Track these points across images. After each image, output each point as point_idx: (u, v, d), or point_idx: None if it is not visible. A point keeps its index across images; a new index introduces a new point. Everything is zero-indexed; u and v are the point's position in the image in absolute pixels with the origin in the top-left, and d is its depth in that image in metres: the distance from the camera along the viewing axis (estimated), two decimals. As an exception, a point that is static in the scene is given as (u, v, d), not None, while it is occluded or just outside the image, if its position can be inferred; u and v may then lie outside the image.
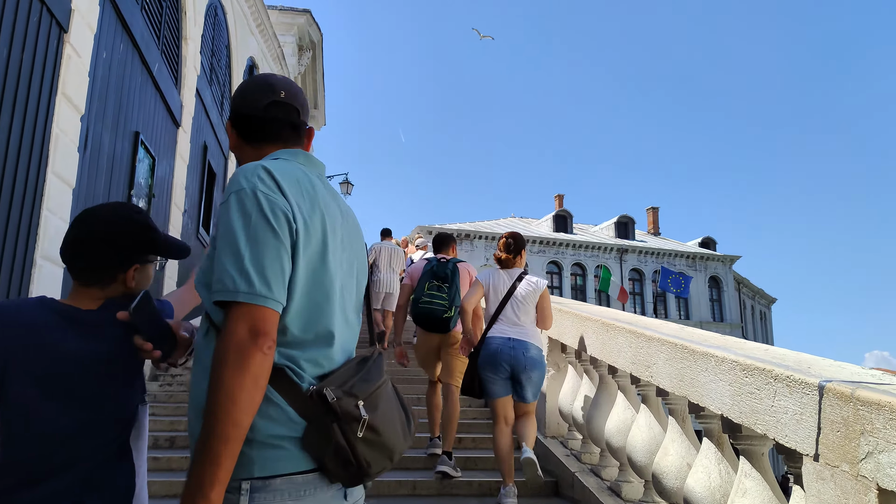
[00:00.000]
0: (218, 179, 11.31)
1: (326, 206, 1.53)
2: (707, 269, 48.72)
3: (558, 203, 52.86)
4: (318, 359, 1.45)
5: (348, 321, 1.58)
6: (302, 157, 1.60)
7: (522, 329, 4.54)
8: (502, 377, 4.48)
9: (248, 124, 1.64)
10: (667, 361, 3.38)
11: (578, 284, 46.64)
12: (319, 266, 1.47)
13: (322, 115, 27.26)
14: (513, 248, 4.81)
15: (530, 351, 4.46)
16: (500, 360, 4.44)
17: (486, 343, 4.55)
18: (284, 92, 1.64)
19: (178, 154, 8.64)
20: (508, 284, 4.67)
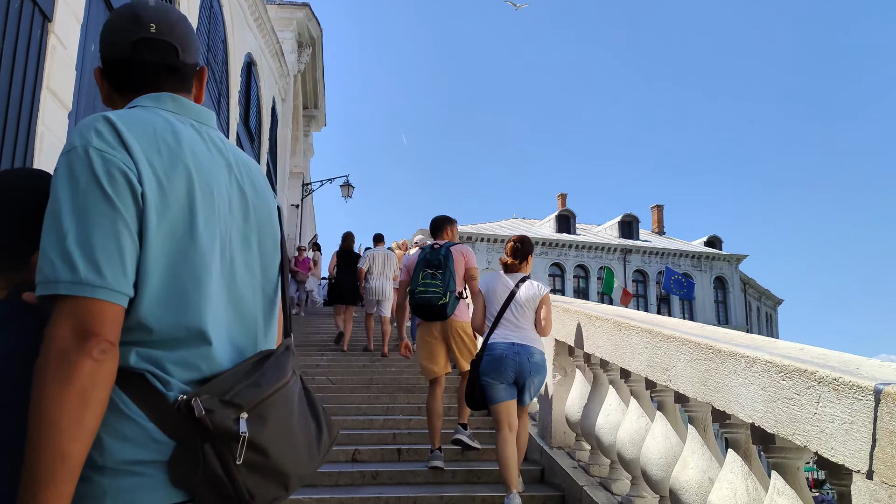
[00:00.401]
0: (214, 180, 11.06)
1: (198, 160, 1.22)
2: (713, 269, 48.36)
3: (561, 202, 52.54)
4: (193, 360, 1.15)
5: (242, 309, 1.28)
6: (169, 102, 1.29)
7: (525, 333, 4.51)
8: (506, 382, 4.43)
9: (113, 70, 1.33)
10: (688, 363, 3.09)
11: (581, 287, 46.31)
12: (186, 240, 1.16)
13: (322, 114, 27.04)
14: (520, 253, 4.77)
15: (535, 356, 4.45)
16: (505, 365, 4.39)
17: (490, 348, 4.49)
18: (155, 25, 1.31)
19: (171, 153, 8.39)
20: (509, 288, 4.63)
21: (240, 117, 13.10)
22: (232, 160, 1.33)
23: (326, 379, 8.45)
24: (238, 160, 1.36)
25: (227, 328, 1.23)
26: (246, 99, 13.85)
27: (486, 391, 4.47)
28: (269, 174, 17.59)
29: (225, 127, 11.74)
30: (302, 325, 13.69)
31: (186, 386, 1.13)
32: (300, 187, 24.85)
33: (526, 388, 4.46)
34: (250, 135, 14.36)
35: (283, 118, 19.82)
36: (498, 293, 4.64)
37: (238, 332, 1.27)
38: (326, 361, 9.83)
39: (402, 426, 6.47)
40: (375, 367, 9.45)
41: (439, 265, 5.22)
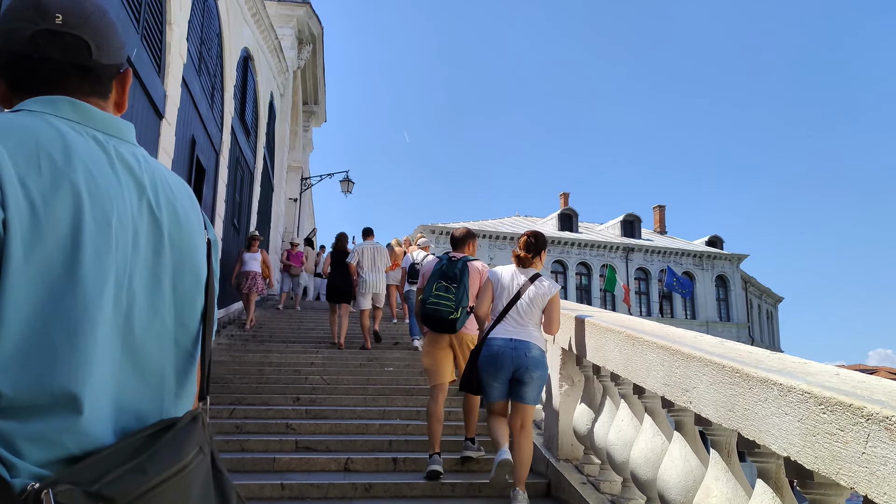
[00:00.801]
0: (208, 175, 10.76)
1: (93, 181, 0.97)
2: (714, 267, 48.08)
3: (563, 201, 52.27)
4: (55, 435, 0.88)
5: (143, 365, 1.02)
6: (67, 108, 1.05)
7: (525, 329, 4.44)
8: (502, 380, 4.39)
9: (10, 64, 1.08)
10: (712, 386, 2.81)
11: (583, 284, 46.06)
12: (62, 280, 0.90)
13: (322, 110, 26.72)
14: (533, 248, 4.66)
15: (532, 351, 4.37)
16: (502, 361, 4.34)
17: (488, 344, 4.44)
18: (62, 16, 1.06)
19: (162, 148, 8.09)
20: (520, 285, 4.53)
21: (235, 111, 12.80)
22: (147, 182, 1.08)
23: (320, 378, 8.18)
24: (157, 182, 1.10)
25: (115, 391, 0.96)
26: (242, 93, 13.55)
27: (484, 388, 4.49)
28: (266, 168, 17.28)
29: (219, 121, 11.44)
30: (297, 319, 13.41)
31: (44, 469, 0.85)
32: (299, 182, 24.55)
33: (526, 383, 4.35)
34: (246, 129, 14.05)
35: (281, 113, 19.52)
36: (508, 287, 4.54)
37: (136, 395, 1.00)
38: (321, 359, 9.55)
39: (399, 432, 6.20)
40: (372, 366, 9.18)
41: (454, 279, 5.15)
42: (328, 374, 8.62)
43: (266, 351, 10.10)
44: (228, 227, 12.72)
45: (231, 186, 12.76)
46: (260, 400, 7.07)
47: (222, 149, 11.57)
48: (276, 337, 11.34)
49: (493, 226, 46.62)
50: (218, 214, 11.47)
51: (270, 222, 18.70)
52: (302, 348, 10.43)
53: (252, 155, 15.09)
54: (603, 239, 47.16)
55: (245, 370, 8.61)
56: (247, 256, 11.98)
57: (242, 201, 14.10)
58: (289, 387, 7.69)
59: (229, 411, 6.49)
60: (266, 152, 16.93)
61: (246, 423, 6.03)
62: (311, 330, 12.26)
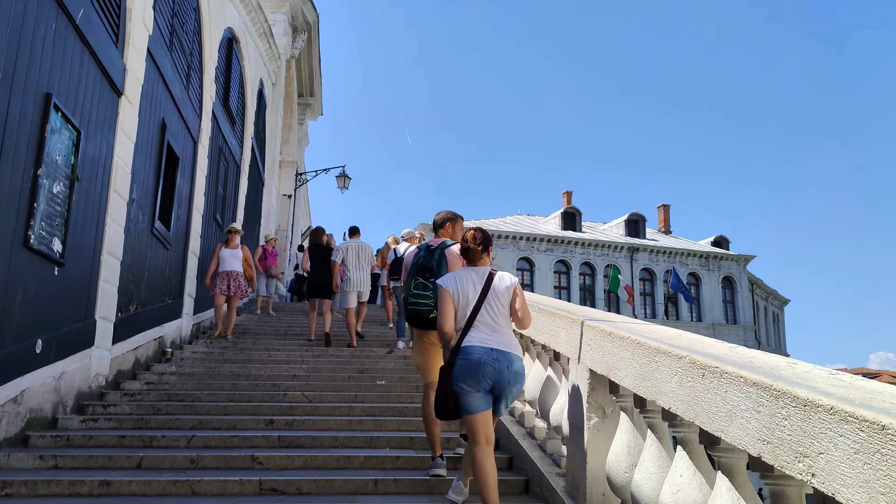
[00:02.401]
0: (184, 164, 9.71)
1: None
2: (721, 269, 47.02)
3: (566, 200, 51.24)
4: None
5: None
6: None
7: (502, 337, 4.07)
8: (483, 390, 3.97)
9: None
10: (857, 457, 1.77)
11: (587, 284, 45.02)
12: None
13: (318, 103, 25.68)
14: (482, 241, 4.30)
15: (514, 364, 4.02)
16: (483, 372, 3.93)
17: (465, 352, 4.00)
18: None
19: (121, 129, 7.05)
20: (480, 285, 4.17)
21: (217, 96, 11.74)
22: None
23: (301, 395, 7.14)
24: None
25: None
26: (226, 78, 12.50)
27: (460, 399, 3.99)
28: (255, 160, 16.22)
29: (197, 105, 10.39)
30: (286, 324, 12.36)
31: None
32: (293, 177, 23.51)
33: (503, 398, 4.04)
34: (231, 117, 12.99)
35: (272, 103, 18.47)
36: (469, 291, 4.15)
37: None
38: (305, 371, 8.51)
39: (387, 465, 5.15)
40: (363, 379, 8.13)
41: (432, 272, 4.80)
42: (311, 388, 7.58)
43: (245, 361, 9.06)
44: (209, 224, 11.67)
45: (212, 178, 11.71)
46: (227, 424, 6.03)
47: (201, 136, 10.52)
48: (260, 344, 10.29)
49: (495, 224, 45.55)
50: (196, 208, 10.43)
51: (261, 219, 17.66)
52: (286, 357, 9.39)
53: (238, 145, 14.03)
54: (607, 238, 46.10)
55: (217, 385, 7.57)
56: (225, 253, 10.30)
57: (227, 195, 13.06)
58: (264, 405, 6.64)
59: (187, 439, 5.45)
60: (255, 143, 15.87)
61: (203, 457, 4.98)
62: (299, 336, 11.21)
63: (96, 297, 6.67)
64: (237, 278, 10.30)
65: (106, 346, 6.98)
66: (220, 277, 10.24)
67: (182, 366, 8.56)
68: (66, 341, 5.99)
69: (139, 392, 7.09)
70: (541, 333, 5.03)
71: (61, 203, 5.76)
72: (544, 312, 4.93)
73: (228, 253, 10.36)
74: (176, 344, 9.74)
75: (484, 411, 3.99)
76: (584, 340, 4.05)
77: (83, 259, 6.32)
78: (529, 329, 5.21)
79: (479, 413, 3.98)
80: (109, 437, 5.41)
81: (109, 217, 6.88)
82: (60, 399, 5.97)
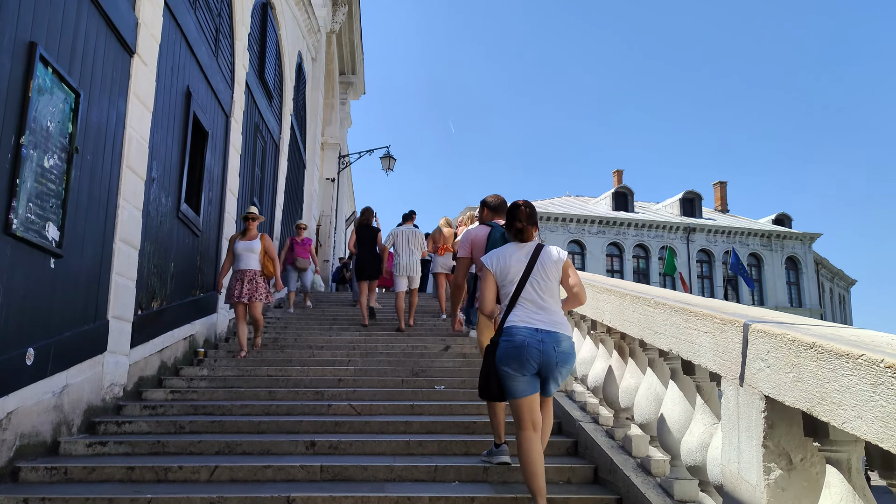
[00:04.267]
0: (214, 140, 8.67)
1: None
2: (784, 248, 44.74)
3: (617, 179, 49.36)
4: None
5: None
6: None
7: (550, 315, 3.87)
8: (529, 373, 3.80)
9: None
10: None
11: (641, 268, 43.28)
12: None
13: (361, 81, 24.56)
14: (531, 218, 4.09)
15: (562, 344, 3.83)
16: (528, 355, 3.75)
17: (509, 333, 3.82)
18: None
19: (134, 95, 6.00)
20: (525, 260, 3.96)
21: (251, 67, 10.67)
22: None
23: (349, 406, 6.04)
24: None
25: None
26: (260, 47, 11.43)
27: (505, 383, 3.83)
28: (295, 140, 15.18)
29: (229, 72, 9.33)
30: (330, 317, 11.32)
31: None
32: (336, 159, 22.48)
33: (551, 378, 3.86)
34: (267, 91, 11.93)
35: (313, 80, 17.41)
36: (513, 267, 3.96)
37: None
38: (352, 374, 7.43)
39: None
40: (418, 384, 7.00)
41: None
42: (359, 396, 6.48)
43: (285, 362, 8.01)
44: (246, 208, 10.64)
45: (249, 158, 10.68)
46: (260, 447, 4.94)
47: (234, 109, 9.47)
48: (302, 341, 9.25)
49: (544, 206, 44.03)
50: (230, 190, 9.40)
51: (303, 203, 16.66)
52: (331, 356, 8.32)
53: (277, 123, 12.99)
54: (661, 219, 44.21)
55: (252, 393, 6.52)
56: (240, 247, 8.13)
57: (265, 177, 12.03)
58: (304, 421, 5.54)
59: (209, 471, 4.38)
60: (295, 122, 14.81)
61: (227, 499, 3.90)
62: (344, 330, 10.15)
63: (108, 294, 5.66)
64: (254, 279, 8.07)
65: (122, 351, 5.97)
66: (234, 279, 8.10)
67: (215, 368, 7.54)
68: (68, 348, 4.98)
69: (162, 404, 6.06)
70: (661, 337, 3.80)
71: (56, 180, 4.72)
72: (667, 308, 3.70)
73: (243, 246, 8.15)
74: (210, 342, 8.75)
75: (530, 395, 3.80)
76: (753, 353, 2.81)
77: (89, 248, 5.30)
78: (636, 325, 4.06)
79: (525, 397, 3.79)
80: (116, 469, 4.37)
81: (123, 198, 5.85)
82: (63, 418, 4.97)
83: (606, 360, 5.07)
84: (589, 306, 5.12)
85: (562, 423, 5.55)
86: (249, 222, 8.25)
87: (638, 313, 4.08)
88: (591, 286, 5.04)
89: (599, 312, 4.86)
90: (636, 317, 4.11)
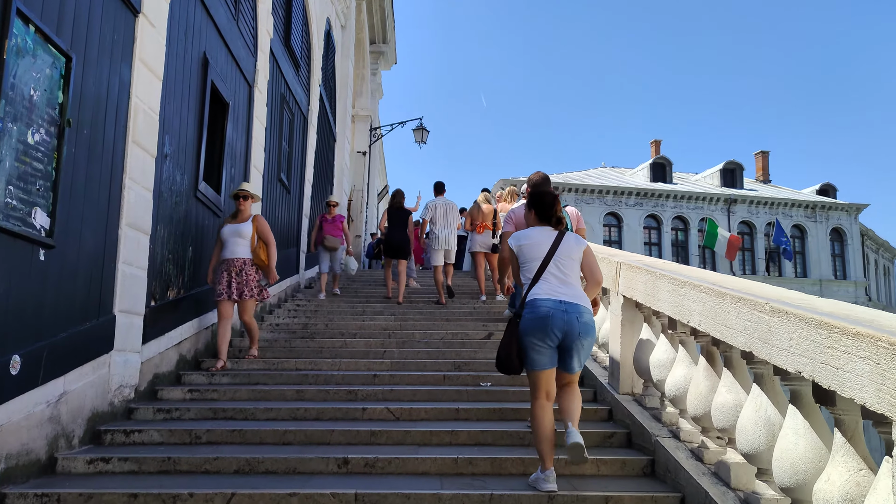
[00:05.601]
0: (236, 112, 7.97)
1: None
2: (829, 219, 43.08)
3: (655, 150, 47.86)
4: None
5: None
6: None
7: (573, 289, 4.03)
8: (550, 346, 3.93)
9: None
10: None
11: (679, 240, 42.01)
12: None
13: (392, 50, 23.66)
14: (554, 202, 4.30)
15: (584, 315, 3.96)
16: (552, 325, 3.88)
17: (533, 305, 3.96)
18: None
19: (140, 60, 5.30)
20: (549, 241, 4.15)
21: (276, 33, 9.91)
22: None
23: (386, 410, 5.35)
24: None
25: None
26: (286, 11, 10.65)
27: (528, 354, 3.97)
28: (325, 112, 14.44)
29: (251, 38, 8.58)
30: (363, 299, 10.67)
31: None
32: (367, 132, 21.73)
33: (574, 350, 3.95)
34: (294, 59, 11.17)
35: (342, 48, 16.60)
36: (539, 245, 4.15)
37: None
38: (388, 367, 6.76)
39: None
40: (463, 379, 6.30)
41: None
42: (397, 396, 5.79)
43: (315, 352, 7.37)
44: (273, 184, 9.97)
45: (275, 131, 9.98)
46: (285, 465, 4.27)
47: (257, 78, 8.75)
48: (334, 327, 8.60)
49: (579, 178, 42.89)
50: (254, 166, 8.72)
51: (333, 178, 15.97)
52: (365, 346, 7.67)
53: (305, 94, 12.24)
54: (701, 190, 42.77)
55: (278, 392, 5.86)
56: (227, 231, 6.79)
57: (293, 151, 11.33)
58: (336, 430, 4.86)
59: (225, 499, 3.72)
60: (324, 93, 14.05)
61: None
62: (378, 315, 9.48)
63: (114, 286, 5.01)
64: (244, 271, 6.75)
65: (133, 348, 5.34)
66: (220, 271, 6.78)
67: (238, 363, 6.91)
68: (66, 350, 4.35)
69: (178, 406, 5.43)
70: (783, 353, 3.00)
71: (44, 158, 4.05)
72: (792, 319, 2.90)
73: (231, 230, 6.78)
74: (236, 330, 8.13)
75: (549, 369, 3.97)
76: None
77: (89, 236, 4.64)
78: (741, 334, 3.29)
79: (545, 370, 3.97)
80: (117, 497, 3.73)
81: (129, 178, 5.17)
82: (62, 430, 4.35)
83: (689, 366, 4.30)
84: (668, 302, 4.34)
85: (632, 435, 4.80)
86: (240, 201, 6.90)
87: (744, 319, 3.29)
88: (673, 280, 4.25)
89: (683, 311, 4.08)
90: (741, 323, 3.32)
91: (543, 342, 3.90)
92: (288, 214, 11.08)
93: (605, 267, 5.89)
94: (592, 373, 6.04)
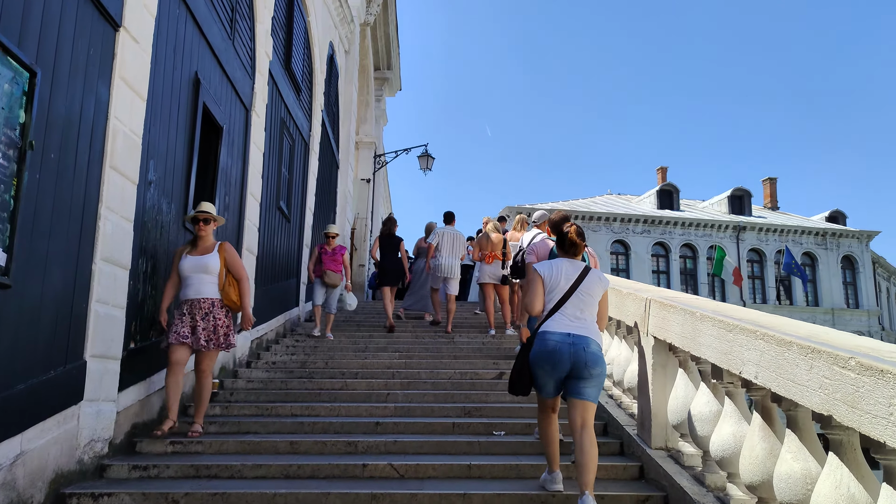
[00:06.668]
0: (231, 136, 7.50)
1: None
2: (840, 247, 42.46)
3: (661, 177, 47.48)
4: None
5: None
6: None
7: (583, 324, 4.22)
8: (556, 377, 4.17)
9: None
10: None
11: (688, 268, 41.38)
12: None
13: (397, 77, 23.35)
14: (583, 236, 4.52)
15: (591, 346, 4.13)
16: (558, 359, 4.10)
17: (542, 338, 4.19)
18: None
19: (121, 78, 4.83)
20: (574, 276, 4.33)
21: (276, 55, 9.48)
22: None
23: (389, 466, 4.77)
24: None
25: None
26: (287, 34, 10.24)
27: (536, 381, 4.29)
28: (327, 138, 14.01)
29: (248, 60, 8.14)
30: (366, 332, 10.12)
31: None
32: (372, 159, 21.32)
33: (586, 379, 4.10)
34: (295, 83, 10.74)
35: (346, 74, 16.24)
36: (562, 279, 4.32)
37: None
38: (391, 413, 6.19)
39: None
40: (473, 428, 5.73)
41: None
42: (402, 448, 5.22)
43: (314, 395, 6.81)
44: (272, 213, 9.47)
45: (274, 157, 9.50)
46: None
47: (255, 102, 8.30)
48: (334, 365, 8.04)
49: (585, 205, 42.45)
50: (251, 194, 8.22)
51: (336, 206, 15.49)
52: (366, 388, 7.10)
53: (306, 119, 11.80)
54: (709, 217, 42.26)
55: (270, 445, 5.29)
56: (187, 266, 5.51)
57: (293, 178, 10.85)
58: (332, 493, 4.25)
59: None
60: (326, 118, 13.63)
61: None
62: (381, 351, 8.92)
63: (86, 329, 4.48)
64: (212, 314, 5.47)
65: (107, 397, 4.79)
66: (179, 313, 5.49)
67: (229, 407, 6.34)
68: (23, 404, 3.80)
69: (157, 462, 4.84)
70: (880, 422, 2.45)
71: (0, 185, 3.54)
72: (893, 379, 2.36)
73: (191, 265, 5.50)
74: (228, 370, 7.58)
75: (554, 398, 4.33)
76: None
77: (55, 272, 4.12)
78: (817, 393, 2.74)
79: (550, 399, 4.33)
80: None
81: (105, 207, 4.66)
82: (17, 497, 3.78)
83: (738, 422, 3.73)
84: (713, 348, 3.79)
85: (669, 499, 4.21)
86: (200, 226, 5.58)
87: (820, 376, 2.74)
88: (719, 322, 3.70)
89: (734, 360, 3.52)
90: (816, 380, 2.77)
91: (550, 375, 4.17)
92: (287, 243, 10.57)
93: (632, 304, 5.34)
94: (618, 421, 5.46)
